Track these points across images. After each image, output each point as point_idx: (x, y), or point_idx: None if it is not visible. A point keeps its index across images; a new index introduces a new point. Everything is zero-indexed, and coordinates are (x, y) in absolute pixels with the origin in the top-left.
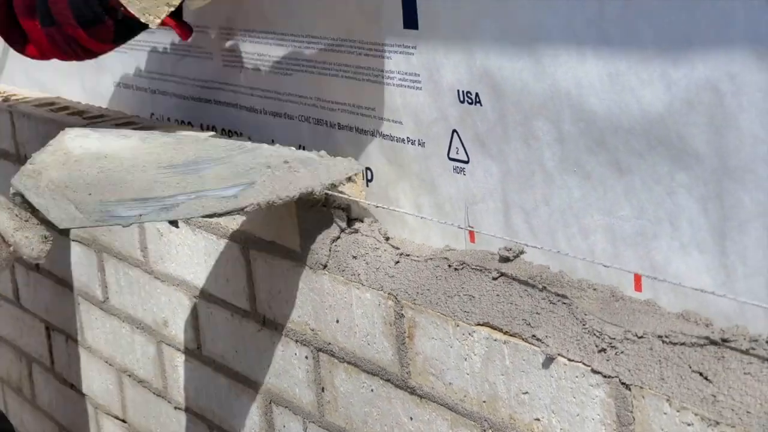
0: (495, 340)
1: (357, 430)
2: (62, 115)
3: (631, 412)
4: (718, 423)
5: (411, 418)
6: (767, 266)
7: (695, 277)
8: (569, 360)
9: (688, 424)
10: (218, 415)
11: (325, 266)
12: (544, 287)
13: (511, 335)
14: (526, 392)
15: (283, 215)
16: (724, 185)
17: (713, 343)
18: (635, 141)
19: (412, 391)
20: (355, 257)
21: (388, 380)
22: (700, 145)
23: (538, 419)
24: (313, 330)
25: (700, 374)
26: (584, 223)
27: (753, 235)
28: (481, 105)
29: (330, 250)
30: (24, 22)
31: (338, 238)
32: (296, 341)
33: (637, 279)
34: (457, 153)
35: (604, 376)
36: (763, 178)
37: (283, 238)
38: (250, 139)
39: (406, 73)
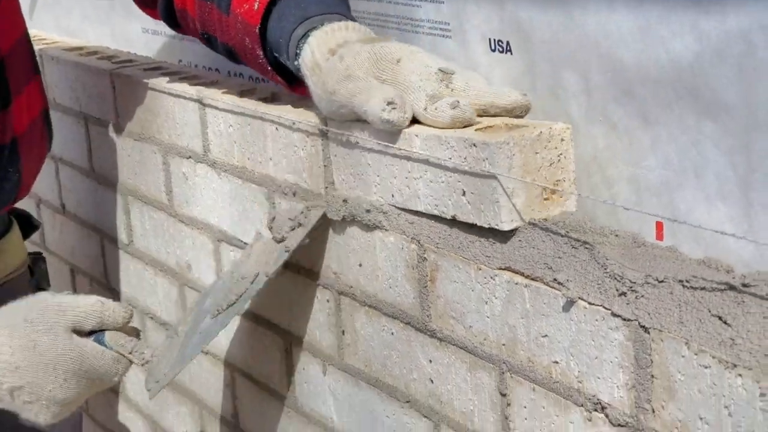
0: (516, 284)
1: (376, 372)
2: (91, 59)
3: (649, 354)
4: (735, 366)
5: (430, 361)
6: None
7: (718, 227)
8: (589, 303)
9: (706, 367)
10: (239, 357)
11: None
12: (567, 233)
13: (532, 279)
14: (546, 335)
15: (312, 162)
16: (753, 137)
17: (733, 288)
18: (663, 92)
19: (432, 334)
20: None
21: (408, 323)
22: (729, 96)
23: (556, 362)
24: (335, 274)
25: (719, 318)
26: (608, 173)
27: None
28: (511, 54)
29: None
30: None
31: None
32: (319, 285)
33: (659, 226)
34: None
35: (624, 320)
36: None
37: (308, 182)
38: None
39: (436, 22)
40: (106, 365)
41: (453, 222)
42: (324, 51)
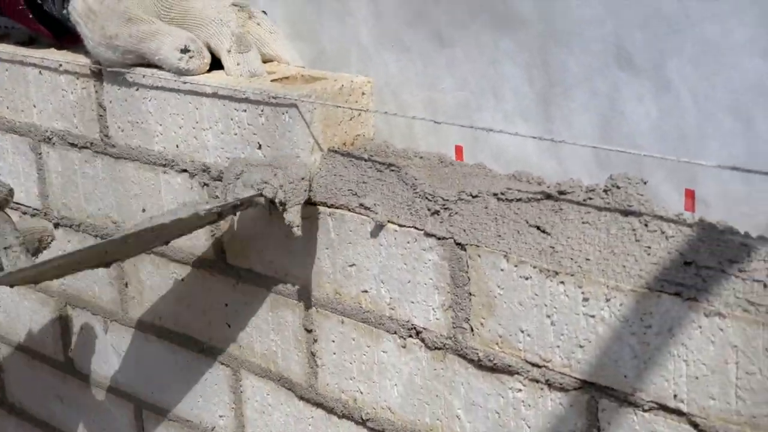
0: (319, 213)
1: (165, 322)
2: None
3: (466, 272)
4: (557, 273)
5: (226, 305)
6: (591, 129)
7: (520, 145)
8: (400, 226)
9: (526, 278)
10: (4, 326)
11: (129, 154)
12: (370, 157)
13: (336, 207)
14: (353, 264)
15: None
16: (550, 50)
17: (550, 197)
18: (458, 11)
19: (229, 274)
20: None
21: (201, 266)
22: (525, 9)
23: (366, 291)
24: (115, 223)
25: (538, 228)
26: (402, 99)
27: (578, 100)
28: None
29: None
30: None
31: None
32: (96, 236)
33: (459, 150)
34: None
35: (438, 239)
36: (590, 41)
37: (80, 128)
38: None
39: None
40: None
41: None
42: None
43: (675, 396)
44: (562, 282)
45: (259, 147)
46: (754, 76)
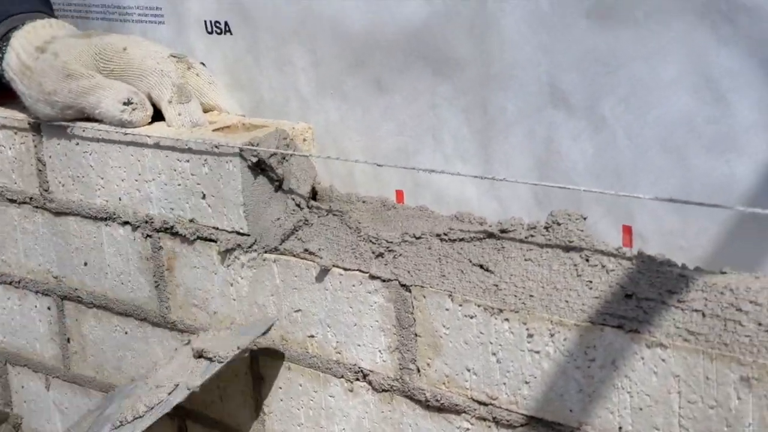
0: (264, 260)
1: (109, 377)
2: None
3: (412, 313)
4: (501, 311)
5: (172, 358)
6: (529, 168)
7: (460, 187)
8: (345, 269)
9: (471, 317)
10: None
11: (69, 207)
12: (313, 203)
13: (280, 253)
14: (299, 310)
15: None
16: (487, 93)
17: (492, 236)
18: (395, 57)
19: (173, 327)
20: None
21: (144, 319)
22: (462, 54)
23: (312, 336)
24: (56, 278)
25: (481, 266)
26: (343, 145)
27: (515, 141)
28: (231, 33)
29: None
30: None
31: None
32: (36, 292)
33: (399, 194)
34: None
35: (383, 281)
36: (525, 82)
37: (19, 183)
38: None
39: (146, 8)
40: None
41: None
42: (30, 50)
43: (620, 428)
44: (507, 319)
45: (203, 197)
46: (683, 113)
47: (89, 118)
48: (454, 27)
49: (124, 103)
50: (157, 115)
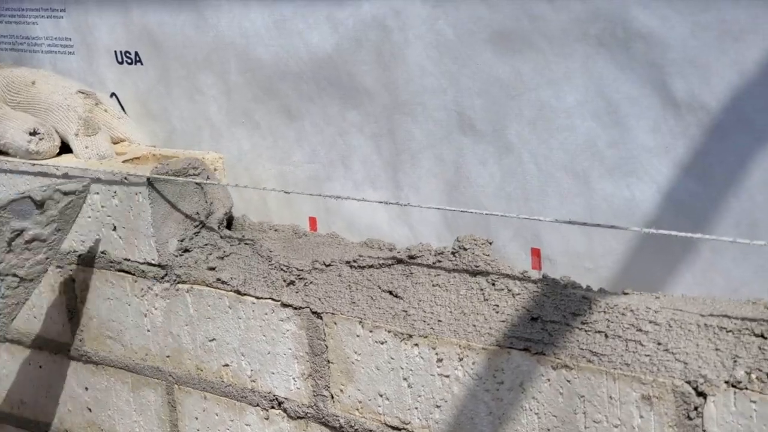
0: (177, 290)
1: (23, 412)
2: None
3: (324, 340)
4: (411, 336)
5: (86, 389)
6: (438, 193)
7: (371, 214)
8: (257, 298)
9: (381, 342)
10: None
11: None
12: (224, 233)
13: (192, 283)
14: (213, 339)
15: None
16: (396, 120)
17: (400, 261)
18: (305, 85)
19: (88, 359)
20: None
21: (58, 352)
22: (370, 82)
23: (227, 365)
24: None
25: (390, 293)
26: (256, 174)
27: (425, 167)
28: (141, 64)
29: None
30: None
31: None
32: None
33: (312, 221)
34: None
35: (295, 308)
36: (432, 109)
37: None
38: None
39: (56, 38)
40: None
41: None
42: None
43: None
44: (416, 344)
45: (114, 228)
46: (586, 137)
47: None
48: (362, 55)
49: (30, 134)
50: (65, 150)
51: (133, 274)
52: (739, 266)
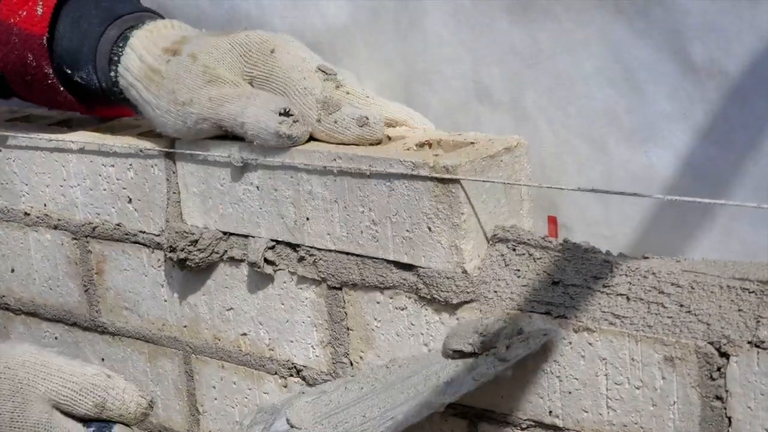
0: None
1: None
2: None
3: (343, 307)
4: (431, 302)
5: (103, 359)
6: None
7: None
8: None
9: (402, 309)
10: None
11: None
12: None
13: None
14: (231, 308)
15: None
16: (413, 89)
17: None
18: (321, 56)
19: (104, 330)
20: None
21: (75, 324)
22: (387, 52)
23: (245, 334)
24: None
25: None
26: None
27: None
28: None
29: None
30: None
31: None
32: None
33: None
34: None
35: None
36: (449, 78)
37: None
38: None
39: None
40: None
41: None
42: (157, 52)
43: (550, 412)
44: (436, 311)
45: (129, 201)
46: (604, 104)
47: (225, 136)
48: (379, 25)
49: (281, 113)
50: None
51: (149, 246)
52: (758, 232)
